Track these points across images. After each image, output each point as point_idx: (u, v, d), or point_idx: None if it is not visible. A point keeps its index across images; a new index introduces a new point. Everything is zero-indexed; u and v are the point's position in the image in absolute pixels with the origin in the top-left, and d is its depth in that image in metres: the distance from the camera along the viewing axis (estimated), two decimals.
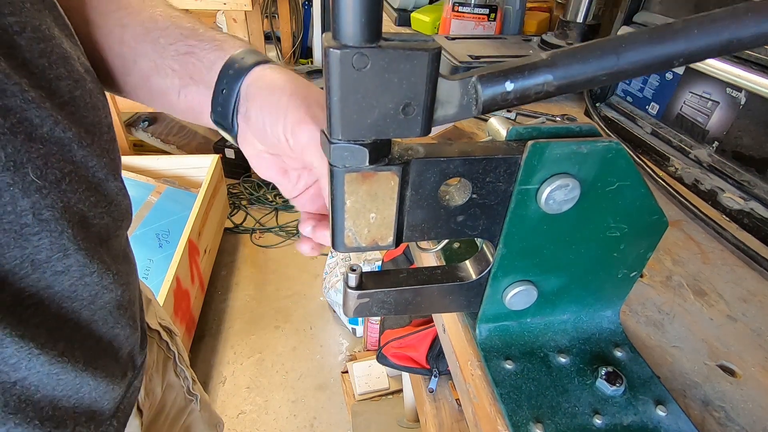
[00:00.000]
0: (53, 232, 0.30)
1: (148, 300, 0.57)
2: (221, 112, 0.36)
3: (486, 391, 0.36)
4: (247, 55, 0.36)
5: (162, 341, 0.57)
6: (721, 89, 0.57)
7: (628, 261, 0.36)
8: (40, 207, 0.28)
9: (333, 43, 0.21)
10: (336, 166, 0.25)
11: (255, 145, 0.37)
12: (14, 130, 0.27)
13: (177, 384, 0.60)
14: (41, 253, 0.29)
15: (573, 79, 0.24)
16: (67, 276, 0.31)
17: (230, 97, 0.35)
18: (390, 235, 0.30)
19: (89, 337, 0.35)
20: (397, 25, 1.22)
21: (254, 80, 0.35)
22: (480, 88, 0.24)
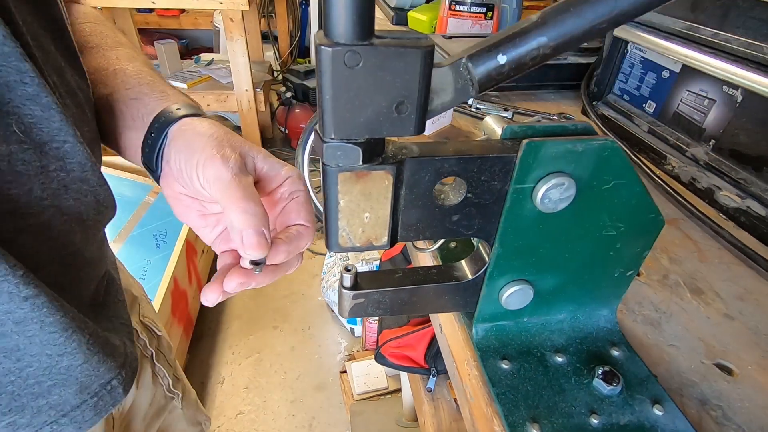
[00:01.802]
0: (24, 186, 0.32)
1: (134, 297, 0.58)
2: (148, 154, 0.39)
3: (482, 391, 0.36)
4: (183, 108, 0.40)
5: (139, 339, 0.57)
6: (717, 87, 0.57)
7: (625, 260, 0.36)
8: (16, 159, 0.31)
9: (325, 40, 0.21)
10: (329, 165, 0.25)
11: (174, 187, 0.39)
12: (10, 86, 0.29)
13: (155, 382, 0.60)
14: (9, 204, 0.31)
15: (569, 36, 0.22)
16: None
17: (156, 141, 0.38)
18: (385, 235, 0.29)
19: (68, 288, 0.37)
20: (393, 23, 1.22)
21: (180, 126, 0.38)
22: (472, 67, 0.23)
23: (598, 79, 0.78)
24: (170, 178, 0.39)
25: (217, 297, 0.37)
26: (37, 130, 0.31)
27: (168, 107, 0.39)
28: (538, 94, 0.88)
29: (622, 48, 0.74)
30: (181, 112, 0.39)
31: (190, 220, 0.41)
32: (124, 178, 1.74)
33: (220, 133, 0.37)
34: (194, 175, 0.35)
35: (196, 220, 0.40)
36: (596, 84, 0.79)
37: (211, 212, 0.40)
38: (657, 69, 0.67)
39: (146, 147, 0.39)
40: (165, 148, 0.38)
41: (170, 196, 0.40)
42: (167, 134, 0.38)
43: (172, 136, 0.38)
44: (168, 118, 0.38)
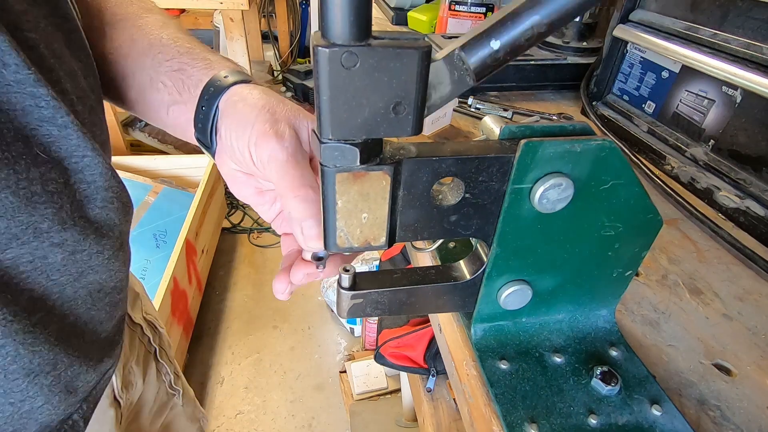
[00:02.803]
0: (55, 204, 0.31)
1: (136, 294, 0.58)
2: (201, 129, 0.37)
3: (481, 392, 0.36)
4: (231, 75, 0.37)
5: (144, 336, 0.57)
6: (717, 88, 0.57)
7: (623, 260, 0.36)
8: (47, 179, 0.30)
9: (322, 41, 0.21)
10: (327, 165, 0.25)
11: (229, 164, 0.37)
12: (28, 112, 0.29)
13: (159, 379, 0.61)
14: (44, 222, 0.31)
15: (565, 9, 0.22)
16: (62, 249, 0.32)
17: (209, 114, 0.36)
18: (383, 236, 0.29)
19: (68, 313, 0.35)
20: (393, 24, 1.22)
21: (230, 96, 0.35)
22: (465, 56, 0.23)
23: (598, 80, 0.78)
24: (224, 155, 0.37)
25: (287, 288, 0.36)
26: (56, 148, 0.31)
27: (215, 75, 0.37)
28: (538, 94, 0.88)
29: (622, 48, 0.74)
30: (229, 80, 0.36)
31: (246, 197, 0.39)
32: (124, 178, 1.74)
33: (273, 104, 0.34)
34: (247, 154, 0.33)
35: (253, 197, 0.38)
36: (596, 84, 0.79)
37: (268, 188, 0.38)
38: (656, 69, 0.67)
39: (198, 122, 0.37)
40: (218, 121, 0.36)
41: (226, 173, 0.38)
42: (218, 106, 0.36)
43: (222, 108, 0.35)
44: (217, 88, 0.36)
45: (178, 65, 0.38)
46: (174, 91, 0.38)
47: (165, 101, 0.39)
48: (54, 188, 0.31)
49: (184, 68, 0.38)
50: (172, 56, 0.39)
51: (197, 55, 0.39)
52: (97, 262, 0.36)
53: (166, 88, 0.38)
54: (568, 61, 0.86)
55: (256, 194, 0.38)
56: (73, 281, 0.34)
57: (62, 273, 0.33)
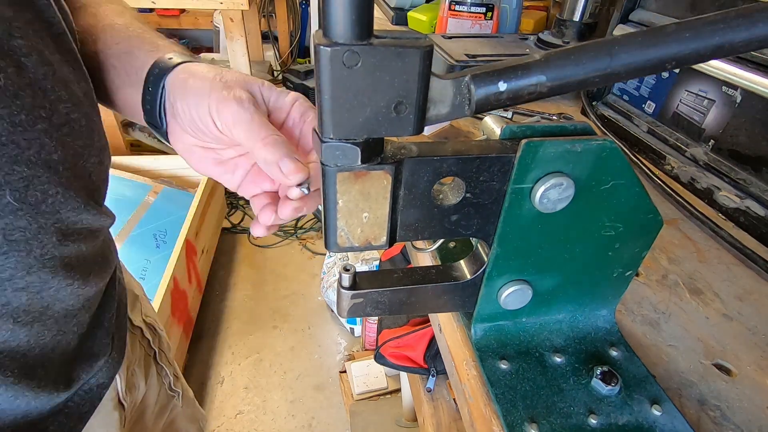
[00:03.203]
0: (20, 252, 0.30)
1: (135, 296, 0.58)
2: (149, 111, 0.38)
3: (481, 392, 0.36)
4: (175, 56, 0.38)
5: (144, 338, 0.57)
6: (717, 88, 0.57)
7: (624, 260, 0.36)
8: (12, 228, 0.29)
9: (323, 40, 0.21)
10: (328, 165, 0.25)
11: (185, 140, 0.38)
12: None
13: (159, 381, 0.61)
14: (5, 272, 0.30)
15: (565, 81, 0.24)
16: (26, 291, 0.32)
17: (155, 95, 0.37)
18: (383, 235, 0.29)
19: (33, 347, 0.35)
20: (393, 23, 1.22)
21: (178, 73, 0.36)
22: (473, 87, 0.24)
23: None
24: (178, 131, 0.38)
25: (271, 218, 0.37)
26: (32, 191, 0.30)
27: (161, 58, 0.38)
28: None
29: None
30: (174, 61, 0.37)
31: (207, 170, 0.40)
32: (124, 178, 1.75)
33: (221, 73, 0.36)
34: (209, 121, 0.34)
35: (213, 168, 0.39)
36: None
37: (228, 158, 0.39)
38: None
39: (146, 103, 0.38)
40: (165, 100, 0.37)
41: (182, 149, 0.39)
42: (164, 86, 0.37)
43: (171, 86, 0.36)
44: (162, 69, 0.37)
45: (126, 47, 0.39)
46: (122, 73, 0.39)
47: (115, 83, 0.40)
48: (21, 236, 0.30)
49: (132, 51, 0.39)
50: (121, 39, 0.40)
51: (146, 40, 0.40)
52: (65, 294, 0.35)
53: (114, 70, 0.39)
54: None
55: (216, 165, 0.39)
56: (40, 316, 0.34)
57: (28, 313, 0.33)
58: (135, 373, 0.53)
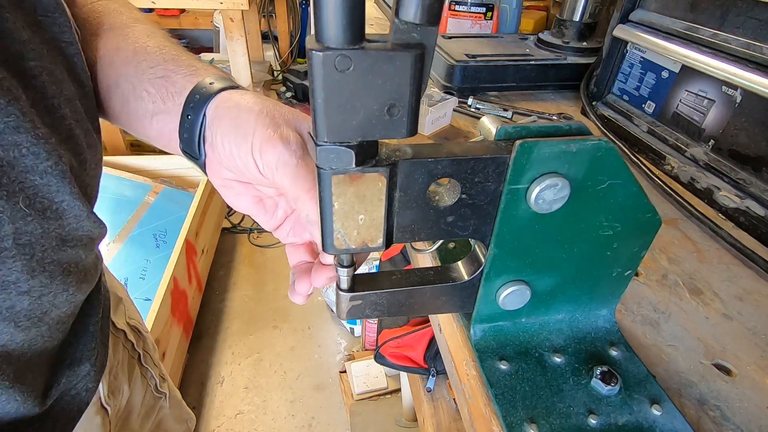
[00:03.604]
0: (26, 256, 0.31)
1: (119, 298, 0.57)
2: (187, 139, 0.35)
3: (481, 392, 0.36)
4: (216, 81, 0.35)
5: (127, 341, 0.57)
6: (717, 87, 0.57)
7: (622, 260, 0.36)
8: (21, 233, 0.30)
9: (316, 45, 0.21)
10: (322, 168, 0.25)
11: (223, 174, 0.36)
12: (13, 163, 0.29)
13: (144, 383, 0.61)
14: (12, 275, 0.30)
15: None
16: (29, 295, 0.32)
17: (195, 123, 0.34)
18: (380, 237, 0.29)
19: (26, 352, 0.35)
20: None
21: (220, 103, 0.34)
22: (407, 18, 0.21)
23: (598, 80, 0.78)
24: (216, 165, 0.35)
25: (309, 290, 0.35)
26: (40, 198, 0.31)
27: (200, 82, 0.35)
28: (538, 94, 0.87)
29: (622, 48, 0.74)
30: (215, 86, 0.35)
31: (245, 207, 0.37)
32: (124, 178, 1.75)
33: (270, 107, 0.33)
34: (250, 162, 0.32)
35: (252, 207, 0.37)
36: (596, 84, 0.79)
37: (268, 195, 0.37)
38: (656, 69, 0.67)
39: (184, 132, 0.35)
40: (205, 130, 0.34)
41: (219, 184, 0.36)
42: (205, 114, 0.34)
43: (212, 115, 0.34)
44: (203, 95, 0.34)
45: (162, 72, 0.37)
46: (158, 99, 0.37)
47: (149, 110, 0.37)
48: (27, 240, 0.31)
49: (168, 75, 0.37)
50: (156, 63, 0.37)
51: (182, 62, 0.38)
52: (61, 300, 0.36)
53: (149, 96, 0.37)
54: (568, 61, 0.86)
55: (256, 203, 0.37)
56: (37, 321, 0.34)
57: (28, 317, 0.33)
58: (118, 377, 0.53)
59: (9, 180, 0.29)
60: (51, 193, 0.31)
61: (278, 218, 0.38)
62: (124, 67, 0.38)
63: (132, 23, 0.42)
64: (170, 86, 0.36)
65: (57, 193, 0.32)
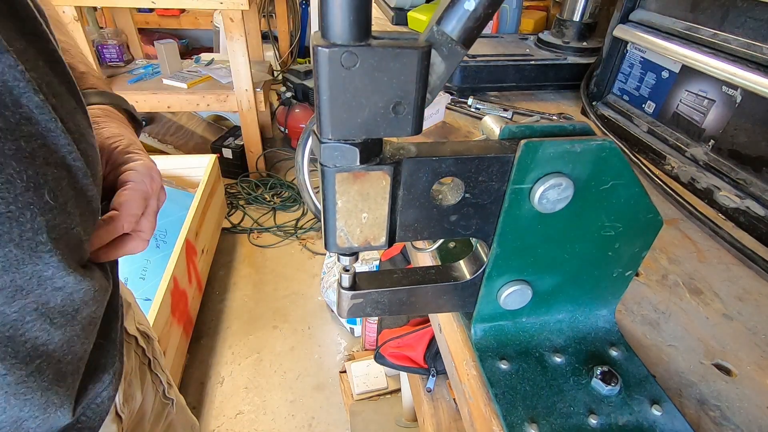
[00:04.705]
0: (61, 251, 0.31)
1: (128, 304, 0.57)
2: None
3: (481, 392, 0.36)
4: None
5: (138, 347, 0.57)
6: (717, 87, 0.57)
7: (624, 260, 0.36)
8: (53, 226, 0.30)
9: (322, 41, 0.21)
10: (327, 165, 0.25)
11: None
12: (34, 155, 0.29)
13: (153, 389, 0.61)
14: (49, 270, 0.31)
15: None
16: (62, 291, 0.33)
17: None
18: (383, 235, 0.29)
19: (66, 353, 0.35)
20: (393, 24, 1.22)
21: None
22: (444, 29, 0.23)
23: (598, 80, 0.78)
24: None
25: None
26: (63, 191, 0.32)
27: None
28: (538, 94, 0.88)
29: (622, 48, 0.74)
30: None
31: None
32: None
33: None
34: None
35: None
36: (596, 84, 0.79)
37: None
38: (656, 69, 0.67)
39: None
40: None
41: None
42: None
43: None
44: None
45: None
46: None
47: None
48: (57, 234, 0.31)
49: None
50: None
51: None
52: (89, 297, 0.36)
53: None
54: (568, 61, 0.86)
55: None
56: (71, 320, 0.35)
57: (62, 314, 0.33)
58: (132, 383, 0.53)
59: (34, 172, 0.29)
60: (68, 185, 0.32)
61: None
62: None
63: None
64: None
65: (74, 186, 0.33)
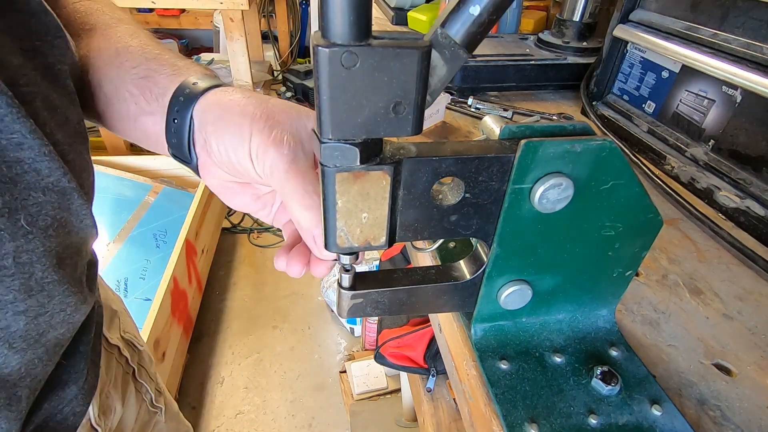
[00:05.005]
0: (25, 275, 0.30)
1: (114, 312, 0.55)
2: (176, 144, 0.35)
3: (481, 392, 0.36)
4: (200, 80, 0.35)
5: (121, 356, 0.55)
6: (717, 87, 0.57)
7: (624, 260, 0.36)
8: (21, 251, 0.29)
9: (322, 41, 0.21)
10: (327, 165, 0.25)
11: (220, 176, 0.35)
12: (15, 180, 0.28)
13: (138, 399, 0.59)
14: (9, 294, 0.30)
15: None
16: (25, 315, 0.32)
17: (183, 127, 0.34)
18: (383, 235, 0.29)
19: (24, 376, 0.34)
20: (393, 23, 1.22)
21: (208, 106, 0.33)
22: (449, 32, 0.23)
23: (598, 80, 0.78)
24: (211, 167, 0.34)
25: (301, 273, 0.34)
26: (43, 215, 0.30)
27: (184, 82, 0.34)
28: (538, 94, 0.88)
29: (622, 48, 0.74)
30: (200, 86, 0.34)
31: (244, 206, 0.37)
32: (124, 178, 1.75)
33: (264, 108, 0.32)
34: (249, 165, 0.32)
35: (251, 204, 0.37)
36: (596, 84, 0.79)
37: (266, 192, 0.37)
38: (656, 69, 0.67)
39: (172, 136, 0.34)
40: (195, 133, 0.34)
41: (215, 185, 0.36)
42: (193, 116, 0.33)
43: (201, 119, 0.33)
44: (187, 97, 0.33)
45: (144, 72, 0.36)
46: (141, 100, 0.36)
47: (131, 112, 0.36)
48: (27, 259, 0.30)
49: (151, 75, 0.36)
50: (139, 63, 0.36)
51: (165, 61, 0.37)
52: (58, 320, 0.35)
53: (132, 98, 0.36)
54: (568, 61, 0.86)
55: (254, 201, 0.37)
56: (34, 343, 0.33)
57: (24, 339, 0.32)
58: (110, 396, 0.51)
59: (11, 197, 0.28)
60: (53, 209, 0.31)
61: (274, 210, 0.38)
62: (106, 68, 0.37)
63: (114, 23, 0.41)
64: (153, 87, 0.35)
65: (57, 210, 0.31)
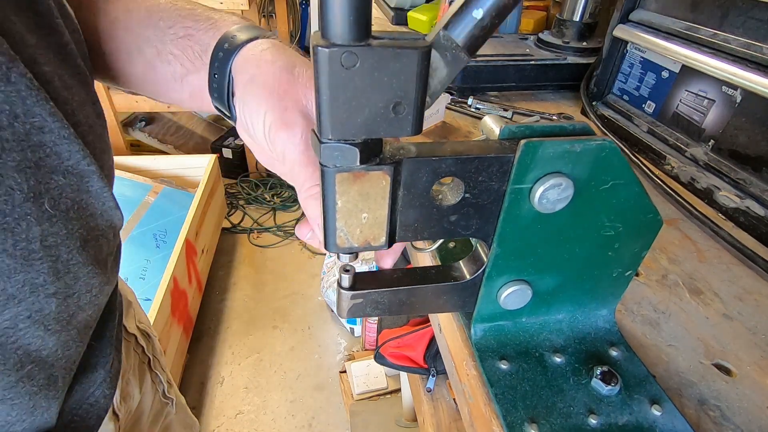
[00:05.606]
0: (52, 257, 0.31)
1: (129, 302, 0.57)
2: (218, 98, 0.35)
3: (481, 392, 0.36)
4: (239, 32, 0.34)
5: (138, 345, 0.57)
6: (717, 87, 0.57)
7: (623, 260, 0.36)
8: (47, 234, 0.30)
9: (321, 41, 0.21)
10: (327, 165, 0.25)
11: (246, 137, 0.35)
12: (39, 164, 0.28)
13: (153, 388, 0.60)
14: (40, 277, 0.30)
15: None
16: (56, 297, 0.32)
17: (223, 81, 0.34)
18: (382, 236, 0.29)
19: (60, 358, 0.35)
20: (393, 23, 1.22)
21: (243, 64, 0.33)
22: (451, 35, 0.23)
23: (598, 80, 0.78)
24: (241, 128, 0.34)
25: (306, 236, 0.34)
26: (64, 199, 0.31)
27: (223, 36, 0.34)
28: (538, 94, 0.88)
29: (622, 48, 0.74)
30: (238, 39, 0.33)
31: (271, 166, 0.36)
32: (124, 178, 1.75)
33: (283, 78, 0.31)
34: (264, 143, 0.32)
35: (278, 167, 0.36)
36: (596, 84, 0.79)
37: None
38: (656, 69, 0.67)
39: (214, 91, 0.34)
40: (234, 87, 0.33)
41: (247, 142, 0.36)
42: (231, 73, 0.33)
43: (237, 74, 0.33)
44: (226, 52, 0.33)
45: (183, 31, 0.36)
46: (185, 60, 0.36)
47: (177, 73, 0.36)
48: (53, 242, 0.30)
49: (191, 33, 0.35)
50: (175, 22, 0.36)
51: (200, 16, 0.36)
52: (86, 301, 0.35)
53: (176, 59, 0.36)
54: (568, 61, 0.86)
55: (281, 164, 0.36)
56: (66, 325, 0.34)
57: (57, 320, 0.33)
58: (130, 382, 0.53)
59: (36, 182, 0.28)
60: (73, 192, 0.31)
61: None
62: (143, 30, 0.37)
63: None
64: (195, 45, 0.35)
65: (77, 192, 0.32)
